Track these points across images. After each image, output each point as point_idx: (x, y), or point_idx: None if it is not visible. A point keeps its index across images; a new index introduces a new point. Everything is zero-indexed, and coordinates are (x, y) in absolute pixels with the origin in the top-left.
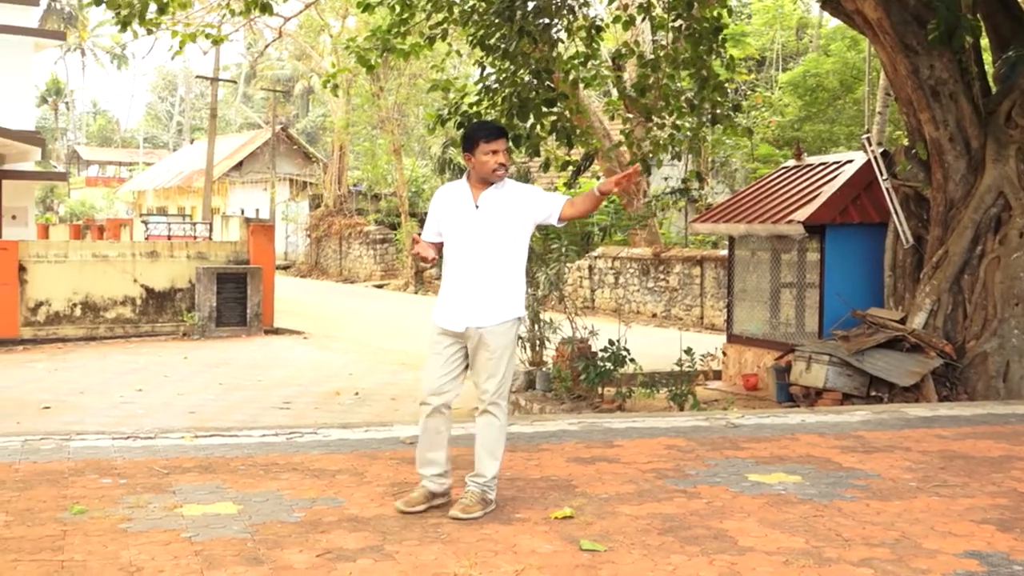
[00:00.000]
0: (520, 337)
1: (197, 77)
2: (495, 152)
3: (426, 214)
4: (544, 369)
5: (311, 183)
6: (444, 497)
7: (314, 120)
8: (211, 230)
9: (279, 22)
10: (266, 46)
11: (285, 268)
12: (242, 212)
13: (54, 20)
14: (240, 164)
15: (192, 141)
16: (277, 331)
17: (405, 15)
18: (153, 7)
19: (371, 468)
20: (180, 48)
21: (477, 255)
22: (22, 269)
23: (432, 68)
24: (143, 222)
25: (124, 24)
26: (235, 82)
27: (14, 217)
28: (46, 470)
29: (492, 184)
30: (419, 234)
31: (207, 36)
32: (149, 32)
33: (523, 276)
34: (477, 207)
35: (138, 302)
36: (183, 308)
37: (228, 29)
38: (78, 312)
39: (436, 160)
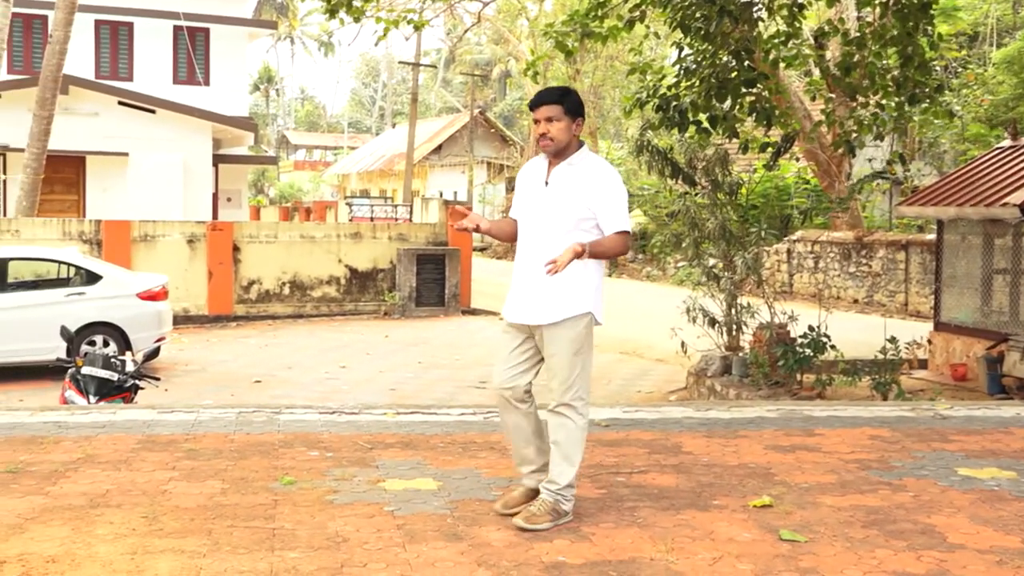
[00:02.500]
0: (716, 321)
1: (399, 63)
2: (537, 122)
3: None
4: (741, 354)
5: (508, 166)
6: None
7: (511, 103)
8: (411, 212)
9: (478, 7)
10: (465, 31)
11: (481, 250)
12: (441, 194)
13: (267, 10)
14: (439, 147)
15: (394, 125)
16: (474, 311)
17: None
18: None
19: None
20: (384, 34)
21: (541, 238)
22: (236, 249)
23: (630, 51)
24: (347, 204)
25: (332, 12)
26: (435, 67)
27: (229, 199)
28: (258, 441)
29: (564, 159)
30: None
31: (409, 22)
32: (355, 19)
33: (592, 267)
34: (547, 184)
35: (342, 282)
36: (384, 288)
37: (429, 15)
38: (287, 291)
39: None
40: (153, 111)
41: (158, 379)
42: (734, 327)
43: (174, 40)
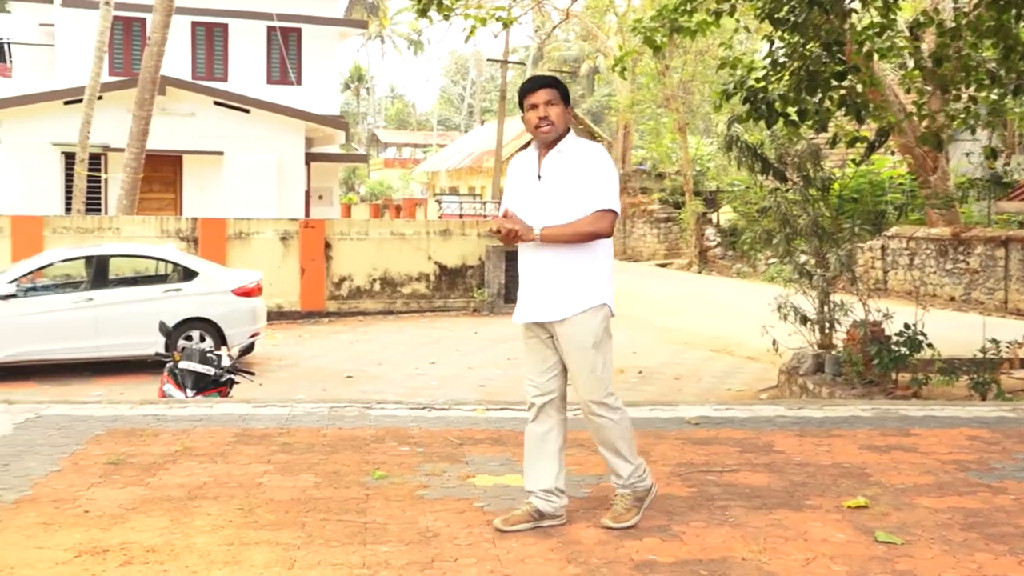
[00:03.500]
0: (808, 319)
1: (488, 60)
2: (534, 106)
3: (711, 192)
4: (834, 352)
5: None
6: (555, 520)
7: (599, 99)
8: (500, 209)
9: (566, 3)
10: (553, 28)
11: None
12: None
13: (358, 10)
14: (527, 144)
15: (482, 123)
16: None
17: None
18: None
19: (657, 447)
20: (472, 31)
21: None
22: (327, 246)
23: (719, 45)
24: (436, 201)
25: (423, 11)
26: (523, 64)
27: (321, 197)
28: (350, 436)
29: (553, 147)
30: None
31: (498, 19)
32: (445, 17)
33: (601, 257)
34: (540, 177)
35: (431, 278)
36: (473, 285)
37: (517, 12)
38: (377, 287)
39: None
40: (247, 111)
41: (252, 374)
42: (827, 325)
43: (267, 41)
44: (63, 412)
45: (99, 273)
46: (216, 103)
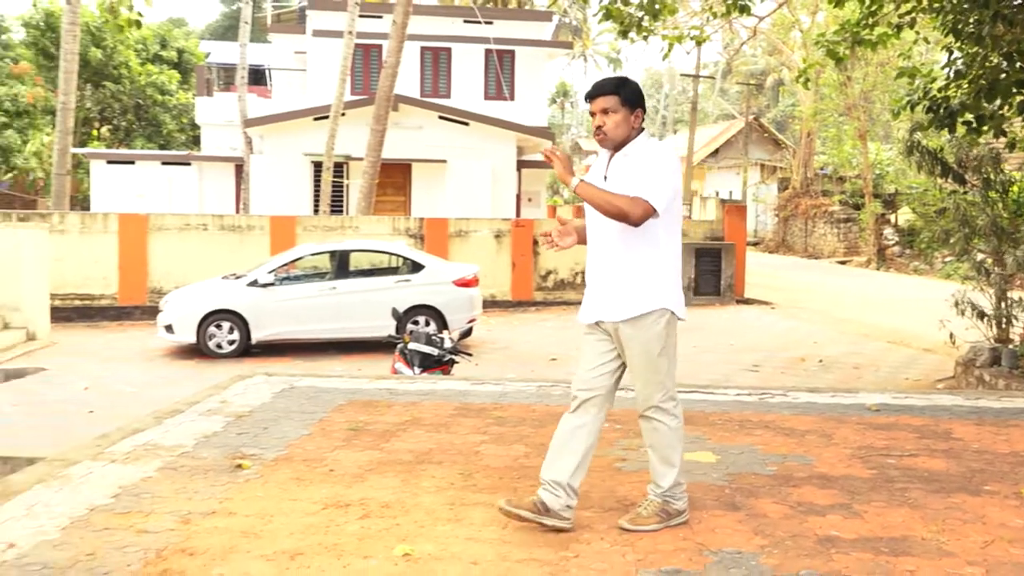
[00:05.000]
0: (984, 314)
1: (681, 75)
2: (593, 114)
3: (889, 195)
4: (1011, 347)
5: (780, 167)
6: (559, 520)
7: (783, 109)
8: (690, 210)
9: (754, 21)
10: (741, 44)
11: (754, 244)
12: (717, 194)
13: (564, 32)
14: (716, 151)
15: (675, 132)
16: (747, 301)
17: (874, 7)
18: (645, 16)
19: (838, 431)
20: (668, 50)
21: (605, 234)
22: (535, 243)
23: (899, 56)
24: None
25: (624, 32)
26: (713, 78)
27: (530, 200)
28: (556, 412)
29: (620, 150)
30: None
31: (692, 38)
32: (644, 38)
33: (667, 260)
34: (605, 178)
35: None
36: None
37: (709, 31)
38: (579, 280)
39: (903, 143)
40: (467, 124)
41: (470, 355)
42: (1004, 320)
43: (485, 62)
44: (312, 384)
45: (341, 265)
46: (440, 117)
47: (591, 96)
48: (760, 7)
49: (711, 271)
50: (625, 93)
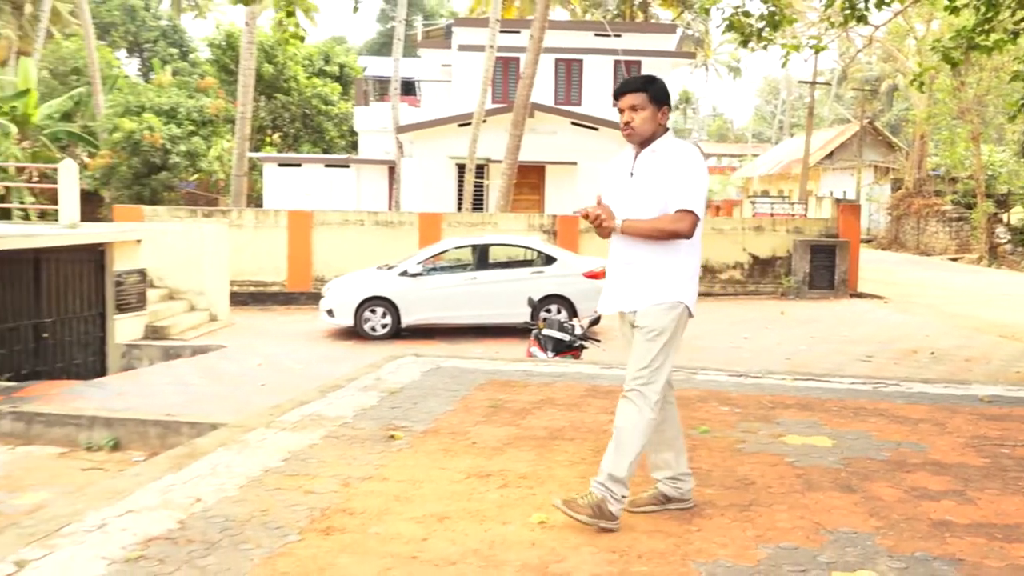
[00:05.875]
0: None
1: (798, 82)
2: (621, 111)
3: (1002, 195)
4: None
5: (893, 168)
6: (683, 503)
7: (897, 113)
8: (806, 209)
9: (870, 30)
10: (857, 52)
11: (867, 241)
12: (831, 194)
13: (687, 43)
14: (831, 154)
15: (791, 135)
16: (860, 295)
17: (990, 14)
18: (766, 27)
19: (951, 420)
20: (786, 58)
21: None
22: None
23: (1015, 60)
24: (751, 202)
25: (744, 42)
26: (829, 84)
27: None
28: (679, 395)
29: (647, 147)
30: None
31: (810, 47)
32: (763, 47)
33: (683, 256)
34: (632, 174)
35: (745, 267)
36: (781, 273)
37: (826, 39)
38: (700, 273)
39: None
40: (597, 129)
41: (599, 341)
42: None
43: (614, 71)
44: (456, 365)
45: (482, 258)
46: (572, 123)
47: (619, 93)
48: (876, 16)
49: (825, 266)
50: (652, 91)
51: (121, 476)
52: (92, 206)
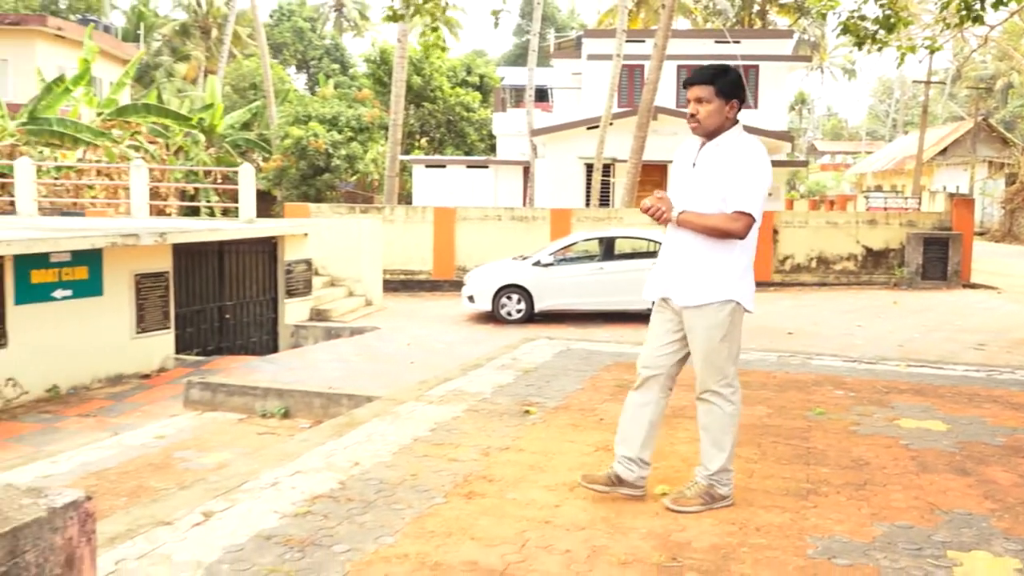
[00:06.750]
0: None
1: (913, 81)
2: (688, 101)
3: None
4: None
5: (1008, 164)
6: (633, 489)
7: (1012, 110)
8: (919, 203)
9: (985, 30)
10: (972, 51)
11: (980, 235)
12: (944, 189)
13: (803, 47)
14: (944, 150)
15: (905, 132)
16: (973, 286)
17: None
18: (881, 29)
19: None
20: (901, 59)
21: None
22: (775, 232)
23: None
24: (864, 197)
25: (860, 44)
26: (943, 83)
27: (770, 194)
28: (794, 379)
29: (712, 139)
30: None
31: (925, 47)
32: (879, 50)
33: (737, 254)
34: (694, 165)
35: (858, 258)
36: (894, 264)
37: (941, 40)
38: (813, 264)
39: None
40: None
41: None
42: None
43: None
44: (584, 347)
45: (608, 250)
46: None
47: (687, 84)
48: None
49: (938, 258)
50: (720, 84)
51: (290, 441)
52: (266, 204)
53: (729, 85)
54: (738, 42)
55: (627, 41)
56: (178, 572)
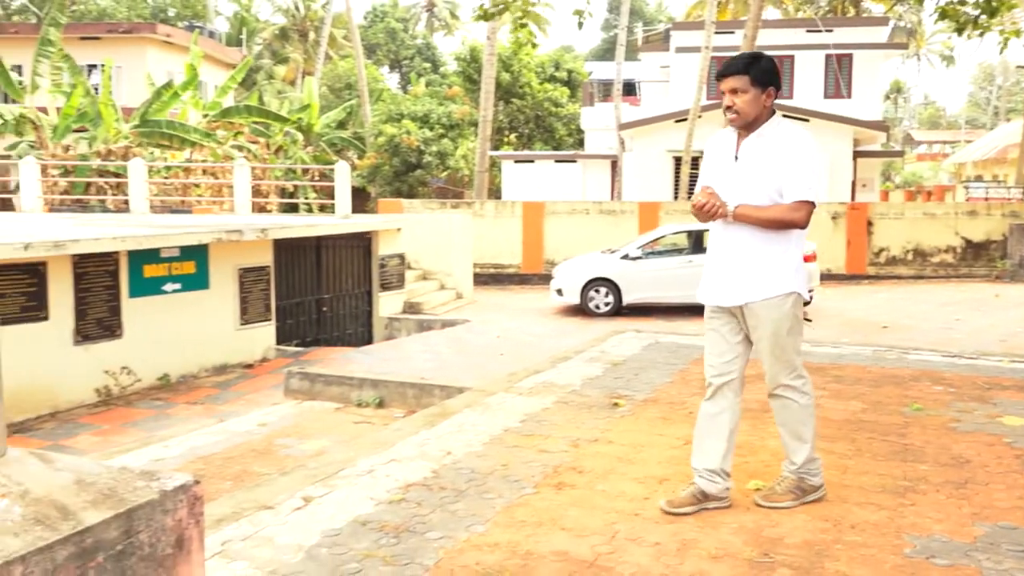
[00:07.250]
0: None
1: (1016, 67)
2: (723, 93)
3: None
4: None
5: None
6: (720, 502)
7: None
8: (1023, 194)
9: None
10: None
11: None
12: None
13: (898, 34)
14: None
15: (1008, 120)
16: None
17: None
18: (981, 14)
19: None
20: (1004, 44)
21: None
22: (869, 224)
23: None
24: (964, 187)
25: (959, 30)
26: None
27: (864, 186)
28: (890, 374)
29: (753, 131)
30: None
31: None
32: (980, 35)
33: (793, 245)
34: (736, 159)
35: (957, 250)
36: (996, 256)
37: None
38: (910, 256)
39: None
40: (807, 120)
41: (809, 320)
42: None
43: (825, 65)
44: (673, 340)
45: (697, 242)
46: (784, 115)
47: (721, 75)
48: None
49: None
50: (755, 72)
51: (385, 430)
52: (361, 200)
53: (763, 73)
54: (831, 31)
55: (716, 33)
56: (280, 554)
